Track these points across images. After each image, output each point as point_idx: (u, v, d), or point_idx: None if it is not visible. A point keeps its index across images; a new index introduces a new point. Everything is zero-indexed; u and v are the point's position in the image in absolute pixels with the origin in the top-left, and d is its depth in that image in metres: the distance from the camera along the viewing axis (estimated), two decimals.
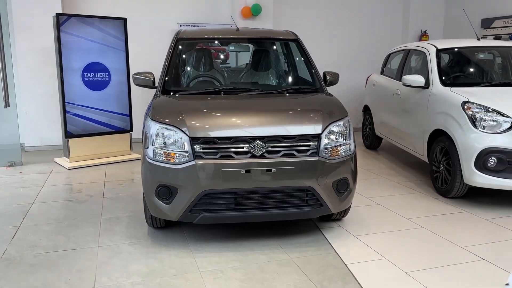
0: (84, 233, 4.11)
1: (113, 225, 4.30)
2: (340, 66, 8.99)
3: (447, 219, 4.46)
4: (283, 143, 3.63)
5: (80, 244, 3.87)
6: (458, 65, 5.96)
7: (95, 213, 4.62)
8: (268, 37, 4.99)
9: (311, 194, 3.69)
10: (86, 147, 6.61)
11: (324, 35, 9.02)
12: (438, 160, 5.17)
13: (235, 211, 3.64)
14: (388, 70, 7.30)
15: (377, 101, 7.28)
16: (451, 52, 5.96)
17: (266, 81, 4.87)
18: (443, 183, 5.10)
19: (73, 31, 6.36)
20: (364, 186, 5.46)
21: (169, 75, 4.48)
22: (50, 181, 5.77)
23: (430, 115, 5.35)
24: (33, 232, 4.14)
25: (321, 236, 4.01)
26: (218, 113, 3.79)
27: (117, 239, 3.96)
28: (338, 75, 4.83)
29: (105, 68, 6.70)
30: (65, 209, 4.76)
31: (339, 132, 3.83)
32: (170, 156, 3.60)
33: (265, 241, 3.88)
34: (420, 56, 6.21)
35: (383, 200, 4.99)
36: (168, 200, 3.63)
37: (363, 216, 4.49)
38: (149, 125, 3.76)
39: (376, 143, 7.56)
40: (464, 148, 4.68)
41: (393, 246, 3.83)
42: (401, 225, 4.29)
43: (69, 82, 6.43)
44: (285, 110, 3.92)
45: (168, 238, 3.95)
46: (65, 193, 5.30)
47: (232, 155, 3.57)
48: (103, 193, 5.26)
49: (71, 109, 6.48)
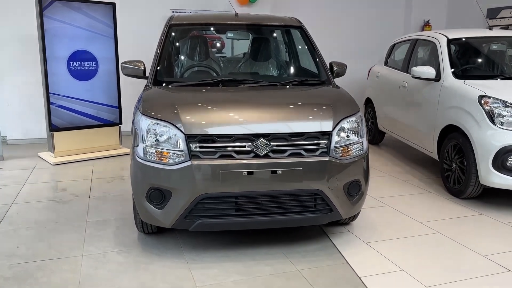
0: (67, 239, 3.70)
1: (99, 229, 3.89)
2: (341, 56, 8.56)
3: (463, 223, 4.11)
4: (290, 142, 3.24)
5: (63, 252, 3.46)
6: (470, 56, 5.58)
7: (80, 215, 4.21)
8: (269, 23, 4.56)
9: (320, 198, 3.31)
10: (72, 141, 6.17)
11: (324, 24, 8.59)
12: (450, 158, 4.81)
13: (235, 217, 3.25)
14: (393, 61, 6.91)
15: (381, 94, 6.91)
16: (463, 43, 5.58)
17: (267, 71, 4.47)
18: (455, 182, 4.75)
19: (57, 17, 5.89)
20: (371, 184, 5.00)
21: (161, 64, 4.05)
22: (32, 178, 5.33)
23: (441, 110, 4.98)
24: (11, 238, 3.72)
25: (329, 243, 3.63)
26: (216, 108, 3.39)
27: (104, 247, 3.56)
28: (345, 65, 4.45)
29: (93, 57, 6.24)
30: (48, 210, 4.33)
31: (351, 129, 3.45)
32: (163, 155, 3.19)
33: (268, 249, 3.50)
34: (428, 46, 5.83)
35: (391, 201, 4.63)
36: (161, 204, 3.23)
37: (372, 220, 4.13)
38: (139, 120, 3.34)
39: (379, 137, 7.20)
40: (481, 145, 4.32)
41: (409, 254, 3.47)
42: (415, 229, 3.94)
43: (54, 72, 5.97)
44: (291, 105, 3.53)
45: (161, 246, 3.56)
46: (48, 192, 4.87)
47: (233, 154, 3.17)
48: (90, 192, 4.84)
49: (56, 101, 6.02)
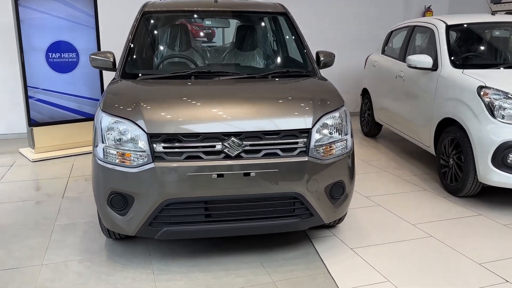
0: (30, 245, 3.43)
1: (66, 234, 3.62)
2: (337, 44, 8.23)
3: (459, 225, 3.80)
4: (265, 141, 2.93)
5: (21, 261, 3.20)
6: (470, 43, 5.22)
7: (49, 217, 3.94)
8: (251, 9, 4.20)
9: (299, 202, 3.01)
10: (53, 137, 5.89)
11: (319, 10, 8.22)
12: (447, 153, 4.48)
13: (205, 224, 2.96)
14: (390, 49, 6.56)
15: (377, 84, 6.56)
16: (463, 29, 5.22)
17: (249, 62, 4.13)
18: (452, 180, 4.42)
19: (34, 5, 5.58)
20: (362, 181, 4.78)
21: (131, 55, 3.74)
22: (8, 177, 5.08)
23: (439, 101, 4.64)
24: None
25: (311, 249, 3.33)
26: (183, 103, 3.06)
27: (67, 254, 3.29)
28: (333, 55, 4.10)
29: (73, 48, 5.94)
30: (17, 212, 4.07)
31: (334, 126, 3.13)
32: (125, 157, 2.90)
33: (244, 256, 3.21)
34: (426, 33, 5.47)
35: (384, 200, 4.31)
36: (123, 210, 2.94)
37: (362, 222, 3.82)
38: (99, 117, 3.04)
39: (376, 130, 6.86)
40: (480, 140, 3.99)
41: (398, 263, 3.17)
42: (406, 233, 3.63)
43: (32, 64, 5.68)
44: (267, 100, 3.20)
45: (128, 253, 3.28)
46: (22, 192, 4.60)
47: (201, 155, 2.87)
48: (64, 192, 4.57)
49: (35, 94, 5.75)
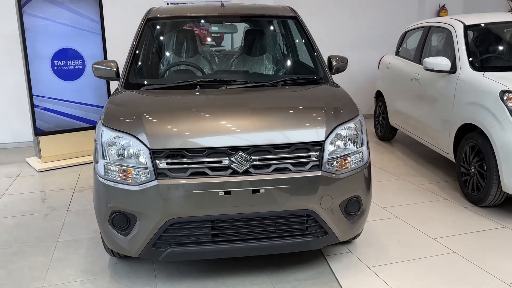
0: (30, 265, 3.29)
1: (69, 252, 3.48)
2: (350, 46, 8.07)
3: (482, 239, 3.58)
4: (274, 155, 2.75)
5: (20, 283, 3.06)
6: (490, 44, 4.98)
7: (52, 233, 3.81)
8: (259, 14, 4.04)
9: (312, 220, 2.82)
10: (59, 146, 5.79)
11: (331, 11, 8.03)
12: (468, 160, 4.26)
13: (212, 244, 2.78)
14: (405, 50, 6.34)
15: (392, 87, 6.35)
16: (482, 29, 4.98)
17: (257, 69, 3.97)
18: (474, 189, 4.20)
19: (38, 13, 5.49)
20: (379, 191, 4.57)
21: (134, 64, 3.59)
22: (13, 188, 4.97)
23: (458, 106, 4.43)
24: None
25: (326, 268, 3.14)
26: (188, 116, 2.89)
27: (68, 275, 3.13)
28: (346, 59, 3.91)
29: (79, 55, 5.84)
30: (19, 228, 3.94)
31: (349, 137, 2.94)
32: (127, 174, 2.74)
33: (253, 277, 3.03)
34: (443, 34, 5.26)
35: (402, 211, 4.10)
36: (125, 230, 2.78)
37: (379, 236, 3.62)
38: (99, 132, 2.88)
39: (390, 134, 6.65)
40: (503, 148, 3.77)
41: (418, 283, 2.96)
42: (427, 249, 3.42)
43: (37, 72, 5.59)
44: (276, 110, 3.02)
45: (132, 273, 3.12)
46: (26, 205, 4.48)
47: (207, 171, 2.69)
48: (69, 205, 4.44)
49: (40, 103, 5.65)
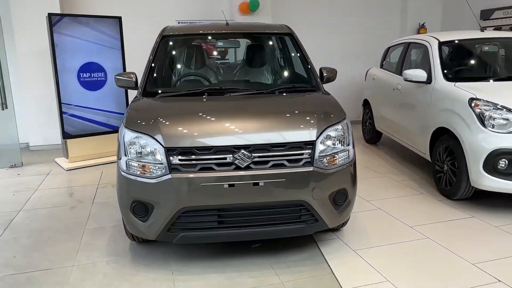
0: (62, 248, 3.43)
1: (95, 237, 3.61)
2: (340, 59, 8.19)
3: (453, 227, 3.69)
4: (272, 153, 2.88)
5: (55, 263, 3.19)
6: (461, 58, 5.12)
7: (80, 222, 3.93)
8: (259, 31, 4.17)
9: (305, 209, 2.95)
10: (84, 147, 5.93)
11: (324, 28, 8.17)
12: (442, 159, 4.38)
13: (218, 229, 2.91)
14: (388, 63, 6.46)
15: (377, 96, 6.47)
16: (454, 45, 5.11)
17: (257, 79, 4.09)
18: (447, 184, 4.32)
19: (66, 31, 5.63)
20: (364, 186, 4.69)
21: (151, 75, 3.72)
22: (44, 184, 5.10)
23: (433, 112, 4.55)
24: (11, 247, 3.47)
25: (317, 251, 3.26)
26: (197, 119, 3.02)
27: (95, 256, 3.27)
28: (335, 71, 4.03)
29: (101, 68, 5.97)
30: (51, 218, 4.07)
31: (337, 137, 3.07)
32: (145, 169, 2.87)
33: (255, 260, 3.15)
34: (421, 49, 5.38)
35: (384, 204, 4.22)
36: (144, 217, 2.91)
37: (363, 225, 3.74)
38: (122, 133, 3.02)
39: (376, 137, 6.76)
40: (472, 148, 3.88)
41: (396, 263, 3.08)
42: (404, 235, 3.53)
43: (65, 83, 5.73)
44: (274, 114, 3.13)
45: (149, 255, 3.25)
46: (56, 198, 4.61)
47: (214, 167, 2.83)
48: (94, 198, 4.57)
49: (68, 110, 5.79)
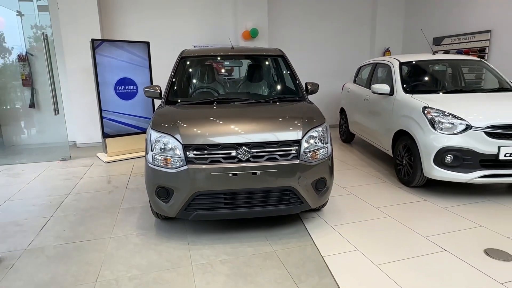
0: (102, 223, 3.44)
1: (128, 215, 3.62)
2: (322, 75, 8.20)
3: (410, 208, 3.70)
4: (267, 149, 2.89)
5: (96, 235, 3.21)
6: (417, 75, 5.10)
7: (116, 203, 3.95)
8: (258, 53, 4.18)
9: (292, 193, 2.96)
10: (119, 145, 5.94)
11: (309, 50, 8.17)
12: (401, 155, 4.39)
13: (224, 209, 2.92)
14: (359, 79, 6.46)
15: (351, 105, 6.46)
16: (411, 65, 5.11)
17: (256, 91, 4.09)
18: (405, 174, 4.33)
19: (106, 53, 5.63)
20: (341, 176, 4.70)
21: (172, 88, 3.73)
22: (88, 174, 5.11)
23: (395, 118, 4.55)
24: (61, 222, 3.49)
25: (302, 227, 3.28)
26: (208, 122, 3.02)
27: (128, 230, 3.29)
28: (317, 85, 4.03)
29: (133, 82, 5.97)
30: (93, 200, 4.09)
31: (318, 137, 3.08)
32: (167, 161, 2.89)
33: (253, 233, 3.17)
34: (385, 68, 5.38)
35: (356, 189, 4.23)
36: (166, 199, 2.93)
37: (339, 206, 3.75)
38: (149, 133, 3.04)
39: (350, 138, 6.75)
40: (425, 146, 3.89)
41: (364, 236, 3.10)
42: (371, 214, 3.55)
43: (105, 94, 5.73)
44: (269, 118, 3.12)
45: (170, 230, 3.27)
46: (97, 185, 4.63)
47: (221, 160, 2.85)
48: (127, 184, 4.58)
49: (107, 115, 5.79)
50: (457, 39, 7.09)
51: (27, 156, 6.02)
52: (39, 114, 6.78)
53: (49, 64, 5.55)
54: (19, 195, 4.25)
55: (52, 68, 5.60)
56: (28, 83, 6.65)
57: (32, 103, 6.71)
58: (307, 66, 8.04)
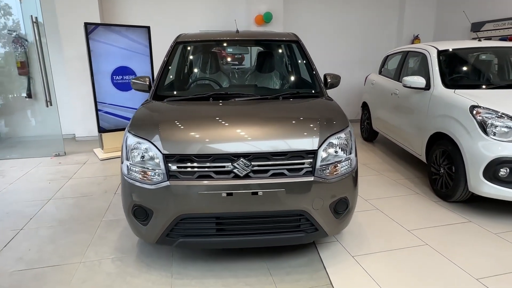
0: (76, 241, 2.86)
1: (109, 230, 3.03)
2: (342, 64, 7.37)
3: (451, 232, 2.95)
4: (272, 161, 2.21)
5: (65, 258, 2.62)
6: (459, 66, 4.26)
7: (99, 213, 3.37)
8: (266, 38, 3.45)
9: (304, 219, 2.28)
10: (117, 140, 5.36)
11: (329, 38, 7.33)
12: (438, 163, 3.61)
13: (216, 236, 2.27)
14: (386, 70, 5.63)
15: (375, 99, 5.66)
16: (452, 54, 4.25)
17: (264, 84, 3.38)
18: (443, 186, 3.55)
19: (101, 39, 5.02)
20: (363, 184, 3.97)
21: (162, 79, 3.07)
22: (78, 173, 4.56)
23: (431, 117, 3.76)
24: (30, 238, 2.93)
25: (316, 257, 2.59)
26: (197, 125, 2.34)
27: (104, 252, 2.69)
28: (339, 77, 3.28)
29: (132, 71, 5.36)
30: (75, 207, 3.52)
31: (339, 146, 2.36)
32: (145, 174, 2.25)
33: (253, 263, 2.51)
34: (419, 57, 4.54)
35: (382, 203, 3.50)
36: (145, 221, 2.30)
37: (363, 226, 3.04)
38: (125, 137, 2.40)
39: (373, 136, 5.96)
40: (472, 155, 3.11)
41: (394, 271, 2.39)
42: (403, 240, 2.82)
43: (100, 84, 5.15)
44: (276, 121, 2.41)
45: (154, 253, 2.65)
46: (85, 188, 4.06)
47: (212, 175, 2.18)
48: (117, 188, 4.00)
49: (103, 108, 5.22)
50: (501, 24, 6.10)
51: (21, 150, 5.55)
52: (37, 105, 6.28)
53: (40, 51, 4.99)
54: None
55: (43, 55, 5.04)
56: (25, 71, 6.14)
57: (29, 93, 6.21)
58: (324, 54, 7.22)
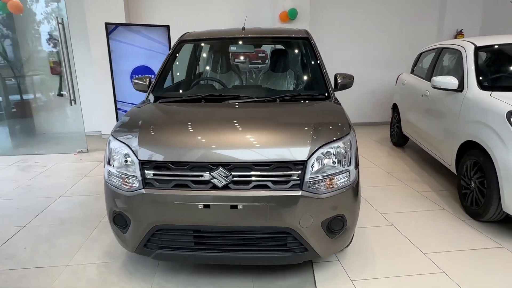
0: (69, 242, 2.84)
1: (104, 232, 2.98)
2: (374, 64, 6.88)
3: (478, 259, 2.52)
4: (255, 171, 1.98)
5: (53, 260, 2.59)
6: (500, 65, 3.71)
7: (100, 213, 3.34)
8: (273, 35, 3.19)
9: (291, 237, 2.02)
10: None
11: (360, 35, 6.86)
12: (469, 175, 3.15)
13: (195, 250, 2.09)
14: (419, 69, 5.12)
15: (405, 101, 5.17)
16: (493, 50, 3.72)
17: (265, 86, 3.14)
18: (473, 203, 3.09)
19: (121, 39, 5.08)
20: (381, 195, 3.60)
21: (160, 80, 2.95)
22: (94, 171, 4.63)
23: (462, 123, 3.30)
24: (29, 236, 2.96)
25: (310, 278, 2.31)
26: (176, 131, 2.17)
27: (92, 256, 2.63)
28: (352, 77, 2.97)
29: (151, 71, 5.37)
30: (79, 206, 3.53)
31: (336, 156, 2.08)
32: (123, 180, 2.13)
33: (239, 280, 2.29)
34: (454, 55, 4.03)
35: (399, 219, 3.12)
36: (124, 229, 2.19)
37: (370, 245, 2.70)
38: (108, 140, 2.30)
39: (403, 141, 5.47)
40: (506, 169, 2.65)
41: None
42: (416, 265, 2.45)
43: (120, 83, 5.23)
44: (262, 127, 2.17)
45: (139, 261, 2.53)
46: (95, 186, 4.09)
47: (189, 184, 2.00)
48: None
49: (122, 106, 5.30)
50: None
51: (49, 146, 5.79)
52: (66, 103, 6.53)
53: (65, 51, 5.15)
54: (13, 194, 3.87)
55: (68, 54, 5.19)
56: (57, 70, 6.41)
57: (61, 91, 6.48)
58: (355, 53, 6.78)
